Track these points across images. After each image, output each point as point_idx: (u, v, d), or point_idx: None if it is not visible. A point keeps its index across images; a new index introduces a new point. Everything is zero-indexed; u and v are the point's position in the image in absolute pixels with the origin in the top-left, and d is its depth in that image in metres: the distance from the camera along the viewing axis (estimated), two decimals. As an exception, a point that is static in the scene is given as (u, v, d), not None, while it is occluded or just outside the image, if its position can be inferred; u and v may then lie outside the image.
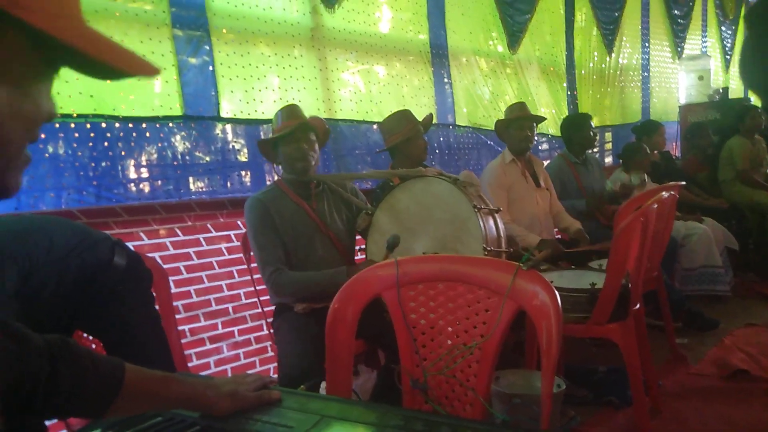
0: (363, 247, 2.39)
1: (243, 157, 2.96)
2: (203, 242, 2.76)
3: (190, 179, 2.75)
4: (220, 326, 2.81)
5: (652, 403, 2.44)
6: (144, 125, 2.54)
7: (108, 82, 2.33)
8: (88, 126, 2.38)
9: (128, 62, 0.55)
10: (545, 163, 4.02)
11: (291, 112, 2.33)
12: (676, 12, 6.76)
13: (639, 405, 2.18)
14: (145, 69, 0.56)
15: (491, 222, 2.20)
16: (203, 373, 2.60)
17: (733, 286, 3.94)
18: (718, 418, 2.37)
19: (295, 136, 2.26)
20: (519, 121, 3.25)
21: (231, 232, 2.84)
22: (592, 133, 3.88)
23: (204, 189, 2.79)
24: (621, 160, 4.24)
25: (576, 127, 3.89)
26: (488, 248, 2.08)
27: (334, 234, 2.35)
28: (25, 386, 0.78)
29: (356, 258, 2.49)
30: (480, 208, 2.15)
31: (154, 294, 1.86)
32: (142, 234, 2.54)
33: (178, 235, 2.67)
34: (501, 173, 3.23)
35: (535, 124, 3.33)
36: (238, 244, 2.69)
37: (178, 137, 2.68)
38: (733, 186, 4.80)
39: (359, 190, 2.60)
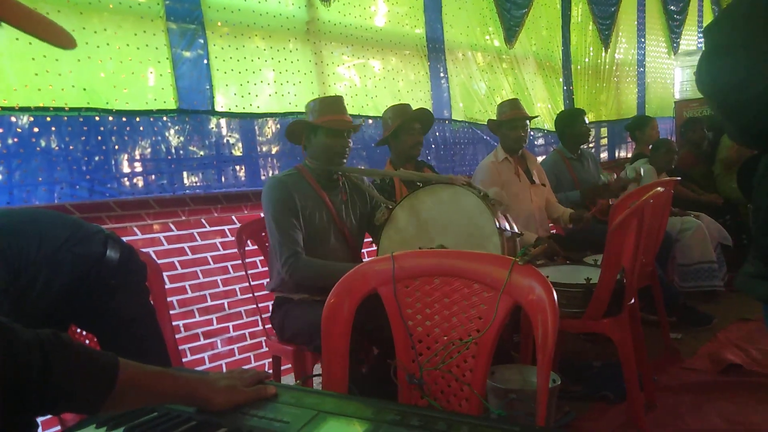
0: (369, 240, 2.35)
1: (237, 152, 2.95)
2: (197, 237, 2.75)
3: (184, 174, 2.73)
4: (214, 321, 2.80)
5: (647, 398, 2.45)
6: (138, 119, 2.52)
7: (101, 75, 2.31)
8: (81, 119, 2.36)
9: (47, 32, 0.50)
10: (540, 158, 4.03)
11: (341, 105, 2.31)
12: (672, 7, 6.77)
13: (633, 399, 2.19)
14: (63, 39, 0.51)
15: (511, 246, 2.15)
16: (198, 369, 2.59)
17: (726, 282, 3.96)
18: (712, 412, 2.39)
19: (345, 133, 2.26)
20: (512, 122, 3.22)
21: (225, 227, 2.84)
22: (585, 128, 3.87)
23: (198, 183, 2.77)
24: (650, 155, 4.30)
25: (569, 122, 3.88)
26: None
27: (347, 228, 2.33)
28: (16, 381, 0.77)
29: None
30: (504, 229, 2.10)
31: (149, 287, 1.84)
32: (135, 229, 2.53)
33: (172, 230, 2.66)
34: (495, 171, 3.20)
35: (528, 122, 3.30)
36: (233, 239, 2.68)
37: (172, 131, 2.67)
38: (729, 181, 4.81)
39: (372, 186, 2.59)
